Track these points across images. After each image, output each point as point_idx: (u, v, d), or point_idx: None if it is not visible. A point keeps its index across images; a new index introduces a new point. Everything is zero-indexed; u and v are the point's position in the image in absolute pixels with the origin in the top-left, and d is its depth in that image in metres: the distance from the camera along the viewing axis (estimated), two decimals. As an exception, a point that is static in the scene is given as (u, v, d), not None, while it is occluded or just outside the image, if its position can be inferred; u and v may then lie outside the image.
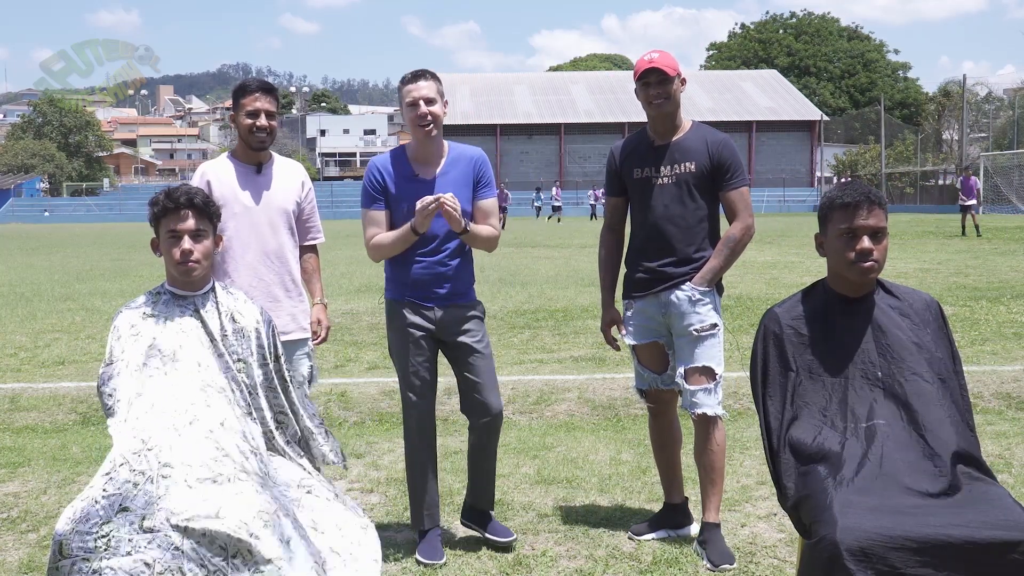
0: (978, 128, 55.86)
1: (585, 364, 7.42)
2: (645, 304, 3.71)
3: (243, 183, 3.63)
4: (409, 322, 3.66)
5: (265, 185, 3.66)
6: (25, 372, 7.49)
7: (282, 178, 3.72)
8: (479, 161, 3.73)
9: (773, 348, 2.76)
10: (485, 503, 3.82)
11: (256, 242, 3.61)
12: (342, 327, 9.48)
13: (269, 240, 3.64)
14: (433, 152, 3.66)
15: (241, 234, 3.56)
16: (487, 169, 3.75)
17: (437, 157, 3.67)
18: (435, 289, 3.64)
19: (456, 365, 3.73)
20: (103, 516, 2.47)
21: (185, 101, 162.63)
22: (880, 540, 2.21)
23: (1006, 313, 9.55)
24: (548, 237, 27.28)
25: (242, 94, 3.61)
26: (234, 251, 3.56)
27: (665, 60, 3.58)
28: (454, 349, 3.70)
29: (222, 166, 3.67)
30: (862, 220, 2.67)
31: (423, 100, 3.55)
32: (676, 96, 3.60)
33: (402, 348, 3.69)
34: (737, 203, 3.63)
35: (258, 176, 3.66)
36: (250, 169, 3.66)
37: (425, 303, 3.65)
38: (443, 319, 3.66)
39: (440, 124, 3.62)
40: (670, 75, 3.56)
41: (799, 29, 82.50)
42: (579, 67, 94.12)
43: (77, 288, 14.13)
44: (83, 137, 73.59)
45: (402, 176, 3.65)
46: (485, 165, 3.75)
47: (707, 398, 3.61)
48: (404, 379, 3.71)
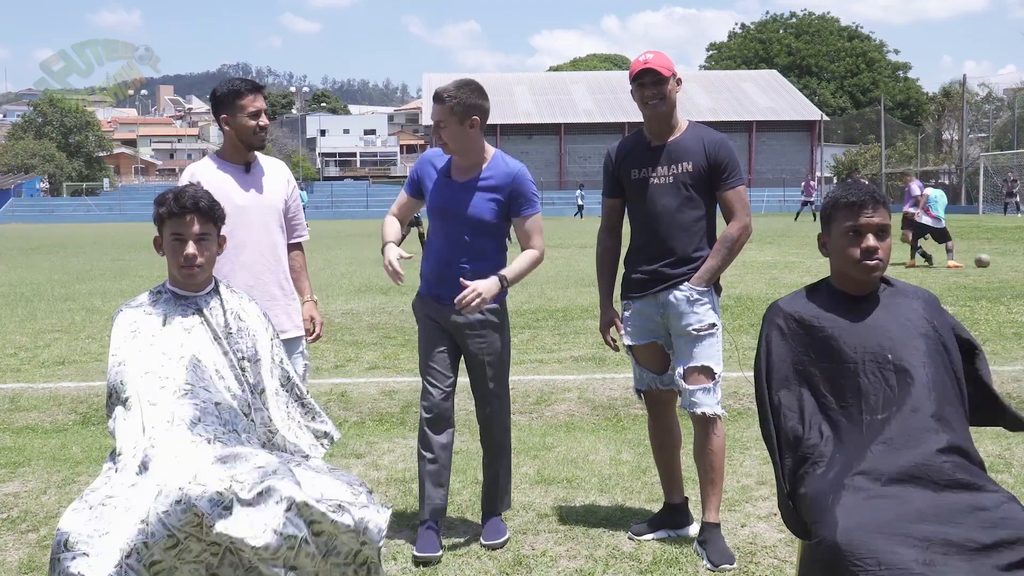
0: (978, 128, 55.83)
1: (585, 364, 7.42)
2: (643, 304, 3.71)
3: (234, 183, 3.63)
4: (426, 314, 3.81)
5: (255, 184, 3.68)
6: (25, 372, 7.49)
7: (270, 176, 3.74)
8: (516, 176, 3.70)
9: (777, 341, 2.75)
10: (489, 504, 3.88)
11: (252, 241, 3.63)
12: (342, 327, 9.48)
13: (263, 239, 3.66)
14: (471, 160, 3.71)
15: (236, 234, 3.55)
16: (524, 185, 3.70)
17: (475, 165, 3.72)
18: (448, 289, 3.68)
19: (468, 370, 3.83)
20: (108, 512, 2.47)
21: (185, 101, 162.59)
22: (882, 540, 2.21)
23: (1006, 313, 9.55)
24: (548, 237, 27.27)
25: (238, 96, 3.60)
26: (229, 251, 3.55)
27: (660, 60, 3.58)
28: (465, 352, 3.80)
29: (210, 167, 3.66)
30: (867, 218, 2.68)
31: (434, 124, 3.64)
32: (671, 97, 3.60)
33: (421, 336, 3.84)
34: (734, 202, 3.63)
35: (247, 175, 3.68)
36: (239, 169, 3.67)
37: (440, 301, 3.74)
38: (455, 320, 3.72)
39: (455, 141, 3.64)
40: (665, 75, 3.55)
41: (799, 29, 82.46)
42: (579, 67, 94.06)
43: (77, 288, 14.13)
44: (83, 137, 73.55)
45: (440, 173, 3.78)
46: (521, 181, 3.69)
47: (706, 397, 3.61)
48: (421, 366, 3.83)
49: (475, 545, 3.76)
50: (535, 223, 3.76)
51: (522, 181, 3.70)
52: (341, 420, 5.99)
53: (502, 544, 3.76)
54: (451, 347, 3.80)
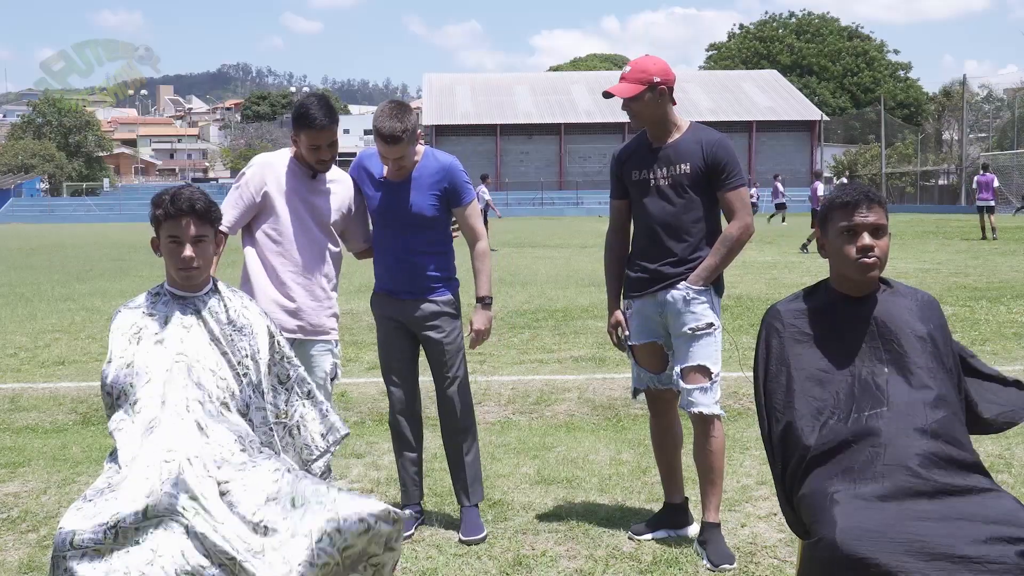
0: (978, 128, 55.84)
1: (585, 364, 7.43)
2: (643, 304, 3.72)
3: (299, 185, 3.72)
4: (382, 313, 3.98)
5: (318, 190, 3.76)
6: (25, 372, 7.49)
7: (335, 189, 3.83)
8: (449, 168, 3.86)
9: (776, 344, 2.75)
10: (462, 496, 3.98)
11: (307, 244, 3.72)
12: (342, 327, 9.48)
13: (316, 243, 3.75)
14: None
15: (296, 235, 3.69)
16: (456, 175, 3.86)
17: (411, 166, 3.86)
18: (402, 282, 3.87)
19: (428, 359, 3.97)
20: (112, 510, 2.48)
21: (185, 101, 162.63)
22: (881, 540, 2.21)
23: (1006, 313, 9.55)
24: (548, 237, 27.27)
25: (303, 128, 3.61)
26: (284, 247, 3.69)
27: (632, 75, 3.59)
28: (424, 343, 3.94)
29: (284, 159, 3.75)
30: (861, 217, 2.68)
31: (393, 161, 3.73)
32: (647, 110, 3.61)
33: (379, 337, 4.02)
34: (734, 203, 3.63)
35: (312, 181, 3.76)
36: (307, 173, 3.76)
37: (395, 295, 3.91)
38: (411, 312, 3.89)
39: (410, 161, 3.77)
40: (628, 96, 3.57)
41: (799, 29, 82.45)
42: (579, 67, 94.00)
43: (77, 288, 14.13)
44: (83, 137, 73.58)
45: (375, 176, 3.88)
46: (455, 172, 3.86)
47: (703, 397, 3.61)
48: (382, 366, 4.01)
49: (475, 545, 3.76)
50: (473, 210, 3.93)
51: (455, 171, 3.86)
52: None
53: (480, 540, 3.79)
54: (409, 345, 3.96)
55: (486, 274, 3.94)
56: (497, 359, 7.74)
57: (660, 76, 3.58)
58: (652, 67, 3.59)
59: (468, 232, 3.94)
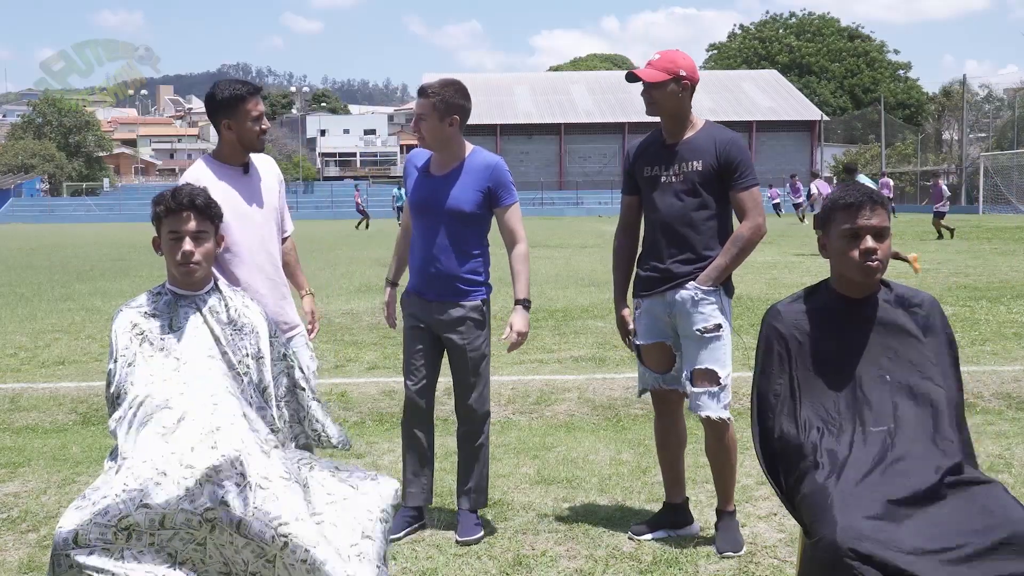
0: (978, 128, 55.84)
1: (585, 364, 7.42)
2: (652, 303, 3.70)
3: (237, 186, 3.58)
4: (410, 312, 3.92)
5: (255, 186, 3.64)
6: (25, 372, 7.49)
7: (266, 176, 3.72)
8: (495, 167, 3.82)
9: (776, 345, 2.75)
10: (466, 501, 3.92)
11: (259, 244, 3.59)
12: (342, 327, 9.48)
13: (269, 240, 3.64)
14: (449, 155, 3.83)
15: (247, 238, 3.53)
16: (503, 175, 3.82)
17: (453, 159, 3.82)
18: (429, 284, 3.83)
19: (450, 365, 3.91)
20: (122, 510, 2.47)
21: (185, 101, 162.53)
22: (881, 540, 2.21)
23: (1006, 313, 9.55)
24: (548, 237, 27.27)
25: (241, 100, 3.51)
26: (243, 256, 3.52)
27: (660, 63, 3.58)
28: (447, 348, 3.89)
29: (207, 172, 3.56)
30: (865, 220, 2.67)
31: (416, 116, 3.80)
32: (668, 101, 3.59)
33: (405, 334, 3.96)
34: (746, 202, 3.62)
35: (247, 177, 3.62)
36: (238, 171, 3.61)
37: (423, 296, 3.86)
38: (436, 315, 3.83)
39: (433, 135, 3.76)
40: (651, 81, 3.55)
41: (799, 29, 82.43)
42: (579, 67, 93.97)
43: (77, 288, 14.13)
44: (83, 137, 73.51)
45: (420, 170, 3.90)
46: (500, 171, 3.82)
47: (711, 401, 3.60)
48: (404, 363, 3.95)
49: (476, 545, 3.76)
50: (515, 212, 3.87)
51: (500, 171, 3.82)
52: (341, 420, 5.99)
53: (476, 540, 3.77)
54: (432, 347, 3.90)
55: (525, 276, 3.85)
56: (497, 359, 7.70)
57: (687, 71, 3.59)
58: (681, 61, 3.60)
59: (508, 234, 3.86)
